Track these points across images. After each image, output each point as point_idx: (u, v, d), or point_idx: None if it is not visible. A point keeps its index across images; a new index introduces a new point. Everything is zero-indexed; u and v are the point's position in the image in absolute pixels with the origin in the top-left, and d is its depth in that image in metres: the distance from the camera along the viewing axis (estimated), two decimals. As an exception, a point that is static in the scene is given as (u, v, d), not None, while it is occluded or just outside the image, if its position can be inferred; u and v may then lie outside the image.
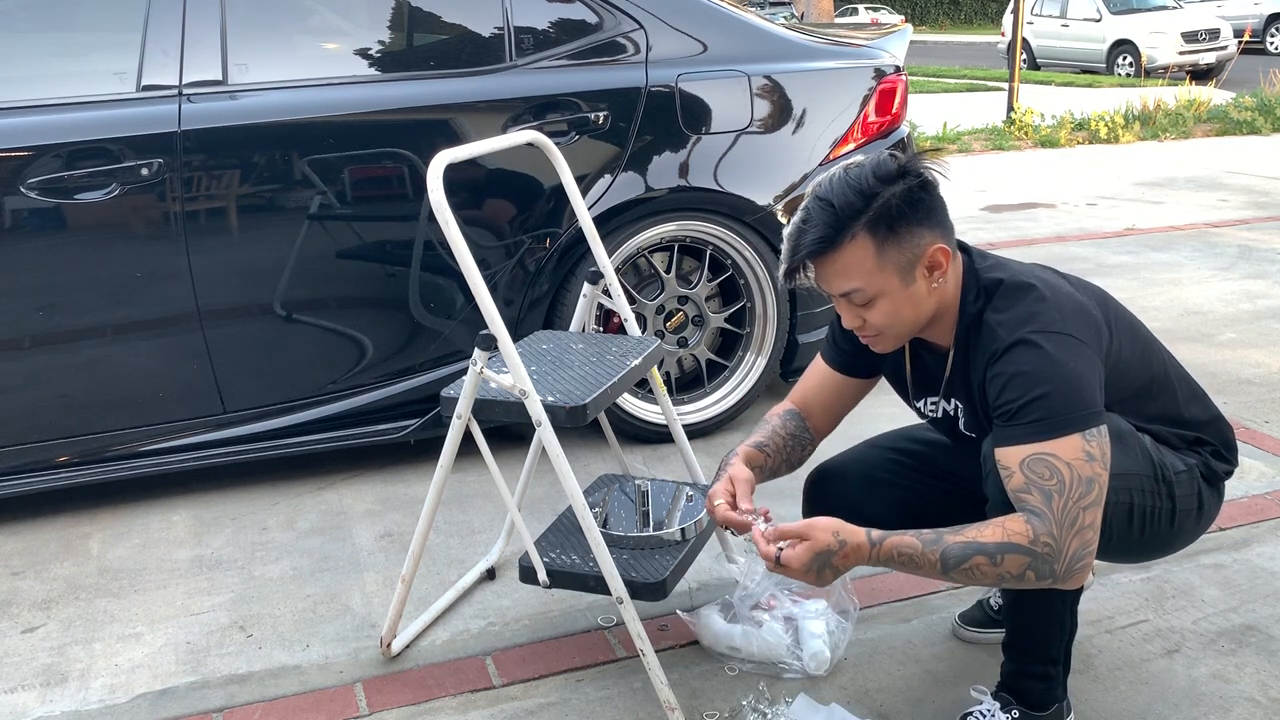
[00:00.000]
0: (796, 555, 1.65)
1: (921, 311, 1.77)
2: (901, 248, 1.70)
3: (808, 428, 2.04)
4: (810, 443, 2.06)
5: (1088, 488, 1.61)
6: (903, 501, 2.05)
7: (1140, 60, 16.63)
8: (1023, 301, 1.72)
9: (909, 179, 1.70)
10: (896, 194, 1.68)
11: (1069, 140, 9.53)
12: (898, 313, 1.75)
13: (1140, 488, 1.79)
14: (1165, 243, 5.80)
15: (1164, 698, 2.06)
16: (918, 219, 1.70)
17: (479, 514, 2.90)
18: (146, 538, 2.83)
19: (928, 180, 1.72)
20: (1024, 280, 1.75)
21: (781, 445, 2.01)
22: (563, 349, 2.31)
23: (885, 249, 1.70)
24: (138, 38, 2.81)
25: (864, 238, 1.69)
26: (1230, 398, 3.52)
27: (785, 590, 2.31)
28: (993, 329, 1.72)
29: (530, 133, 2.29)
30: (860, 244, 1.70)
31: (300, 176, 2.87)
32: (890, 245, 1.70)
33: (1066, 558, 1.60)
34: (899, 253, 1.70)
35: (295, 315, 2.94)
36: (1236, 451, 1.96)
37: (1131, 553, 1.95)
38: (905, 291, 1.73)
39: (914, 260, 1.71)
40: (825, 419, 2.07)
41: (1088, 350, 1.69)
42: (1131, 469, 1.77)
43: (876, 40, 3.62)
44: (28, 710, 2.15)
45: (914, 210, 1.70)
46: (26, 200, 2.68)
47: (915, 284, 1.73)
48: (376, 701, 2.13)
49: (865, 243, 1.69)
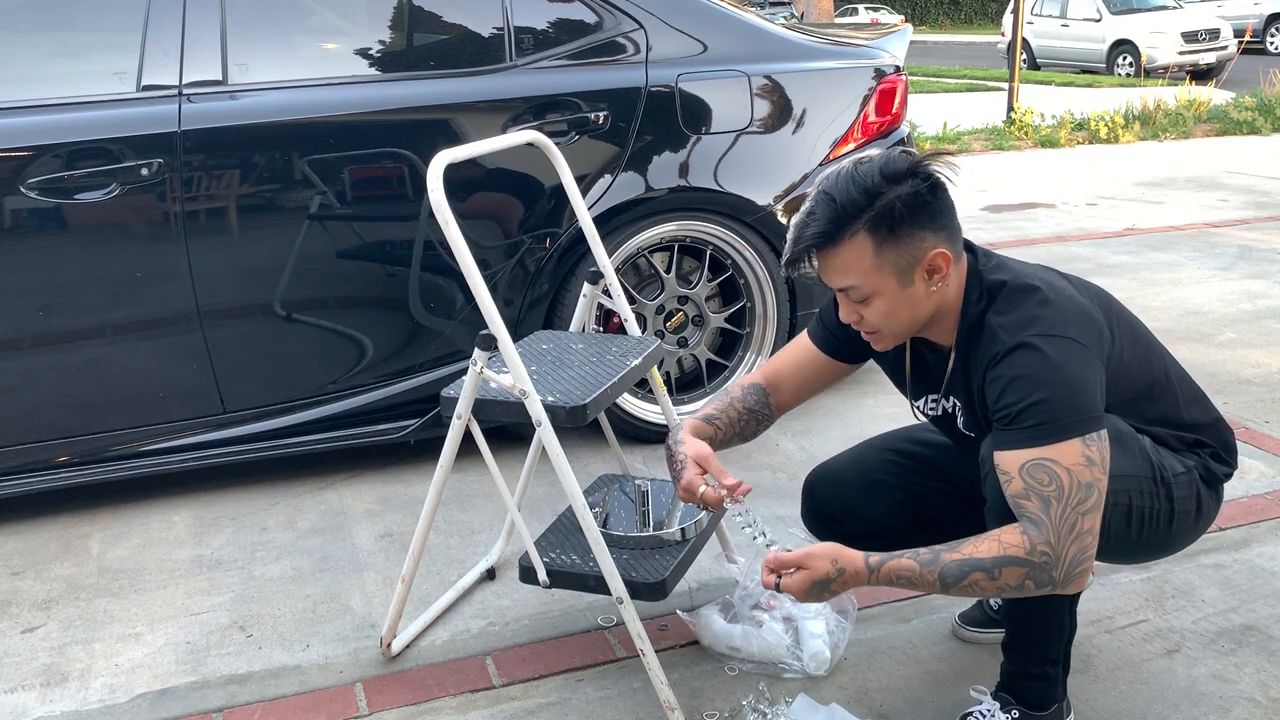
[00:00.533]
0: (796, 583, 1.67)
1: (919, 313, 1.76)
2: (901, 250, 1.70)
3: (769, 404, 2.04)
4: (768, 419, 2.05)
5: (1086, 493, 1.61)
6: (901, 503, 2.05)
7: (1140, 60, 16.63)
8: (1025, 304, 1.71)
9: (916, 180, 1.69)
10: (902, 195, 1.67)
11: (1069, 140, 9.53)
12: (894, 313, 1.75)
13: (1139, 489, 1.79)
14: (1165, 243, 5.80)
15: (1164, 698, 2.06)
16: (921, 222, 1.69)
17: (479, 514, 2.90)
18: (146, 538, 2.83)
19: (937, 182, 1.70)
20: (1027, 282, 1.74)
21: (735, 420, 2.01)
22: (563, 349, 2.31)
23: (884, 249, 1.69)
24: (138, 38, 2.81)
25: (863, 236, 1.69)
26: (1230, 398, 3.52)
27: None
28: (994, 331, 1.71)
29: (530, 133, 2.29)
30: (859, 242, 1.69)
31: (300, 176, 2.87)
32: (889, 246, 1.69)
33: (1065, 564, 1.60)
34: (898, 254, 1.70)
35: (295, 315, 2.94)
36: (1236, 454, 1.96)
37: (1130, 554, 1.95)
38: (902, 293, 1.73)
39: (913, 263, 1.71)
40: (793, 395, 2.06)
41: (1089, 354, 1.68)
42: (1130, 470, 1.77)
43: (876, 40, 3.62)
44: (28, 710, 2.15)
45: (918, 213, 1.69)
46: (26, 200, 2.68)
47: (913, 286, 1.73)
48: (376, 701, 2.13)
49: (864, 241, 1.69)
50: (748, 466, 3.14)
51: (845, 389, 3.69)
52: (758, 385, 2.04)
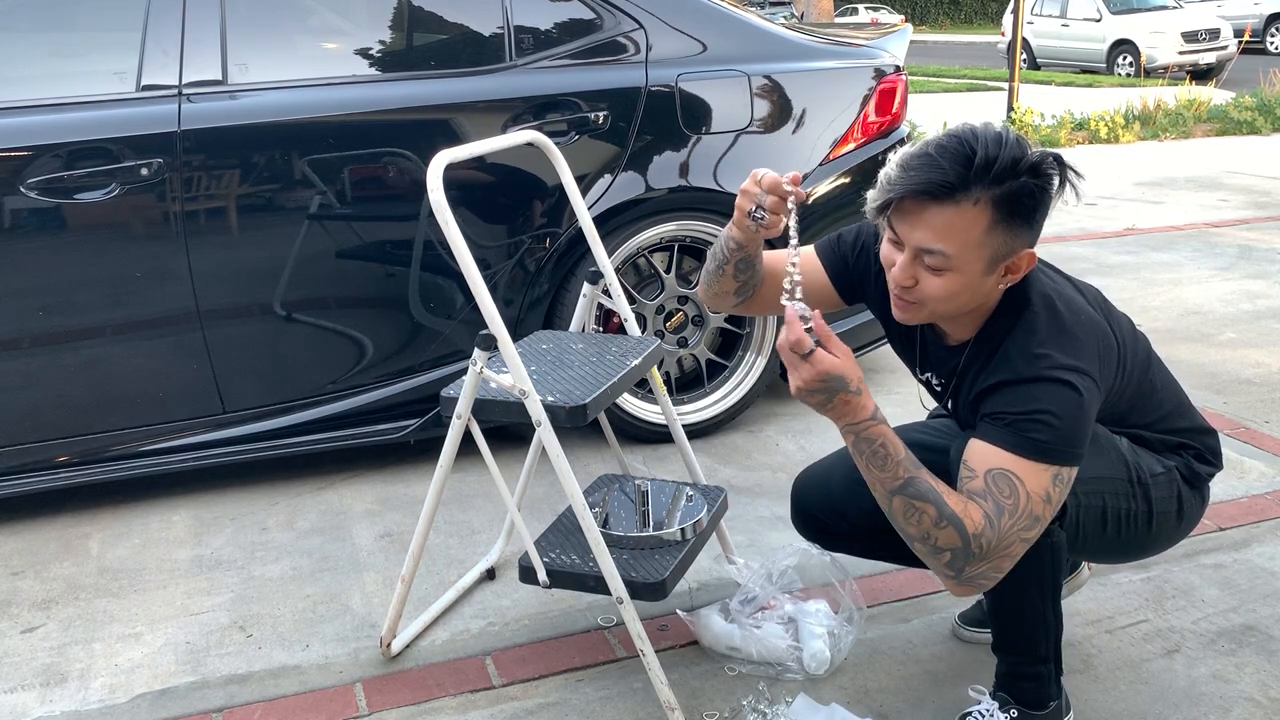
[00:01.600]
0: (824, 360, 1.53)
1: (974, 303, 1.69)
2: (1007, 237, 1.61)
3: (753, 286, 1.95)
4: (745, 299, 1.96)
5: (1031, 523, 1.61)
6: None
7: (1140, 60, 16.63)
8: (1045, 330, 1.68)
9: (1049, 177, 1.60)
10: (1034, 185, 1.59)
11: (1069, 140, 9.53)
12: (956, 295, 1.65)
13: (1113, 490, 1.79)
14: (1165, 243, 5.80)
15: (1164, 698, 2.06)
16: (1034, 219, 1.62)
17: (479, 514, 2.90)
18: (146, 538, 2.83)
19: (1053, 189, 1.62)
20: (1051, 304, 1.71)
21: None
22: (563, 349, 2.31)
23: (996, 229, 1.59)
24: (137, 37, 2.81)
25: (985, 207, 1.57)
26: (1230, 398, 3.52)
27: (785, 591, 2.31)
28: (1009, 354, 1.68)
29: (530, 133, 2.29)
30: (979, 211, 1.58)
31: (300, 176, 2.87)
32: (1001, 229, 1.60)
33: (980, 568, 1.61)
34: (1003, 240, 1.61)
35: (295, 315, 2.94)
36: (1220, 455, 1.97)
37: (1110, 554, 1.96)
38: (979, 279, 1.64)
39: (1006, 254, 1.63)
40: (770, 300, 1.96)
41: (1095, 393, 1.67)
42: (1103, 473, 1.77)
43: (876, 40, 3.62)
44: (28, 710, 2.15)
45: (1036, 209, 1.61)
46: (26, 200, 2.68)
47: (990, 276, 1.65)
48: (376, 701, 2.13)
49: (984, 213, 1.58)
50: (748, 466, 3.14)
51: (845, 389, 3.68)
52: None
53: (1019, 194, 1.58)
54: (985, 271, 1.63)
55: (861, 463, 1.62)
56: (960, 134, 1.60)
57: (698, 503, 2.31)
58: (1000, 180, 1.57)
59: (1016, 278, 1.67)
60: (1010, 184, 1.57)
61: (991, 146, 1.57)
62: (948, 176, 1.56)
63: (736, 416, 3.41)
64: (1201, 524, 2.65)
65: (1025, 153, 1.59)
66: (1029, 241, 1.64)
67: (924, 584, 2.44)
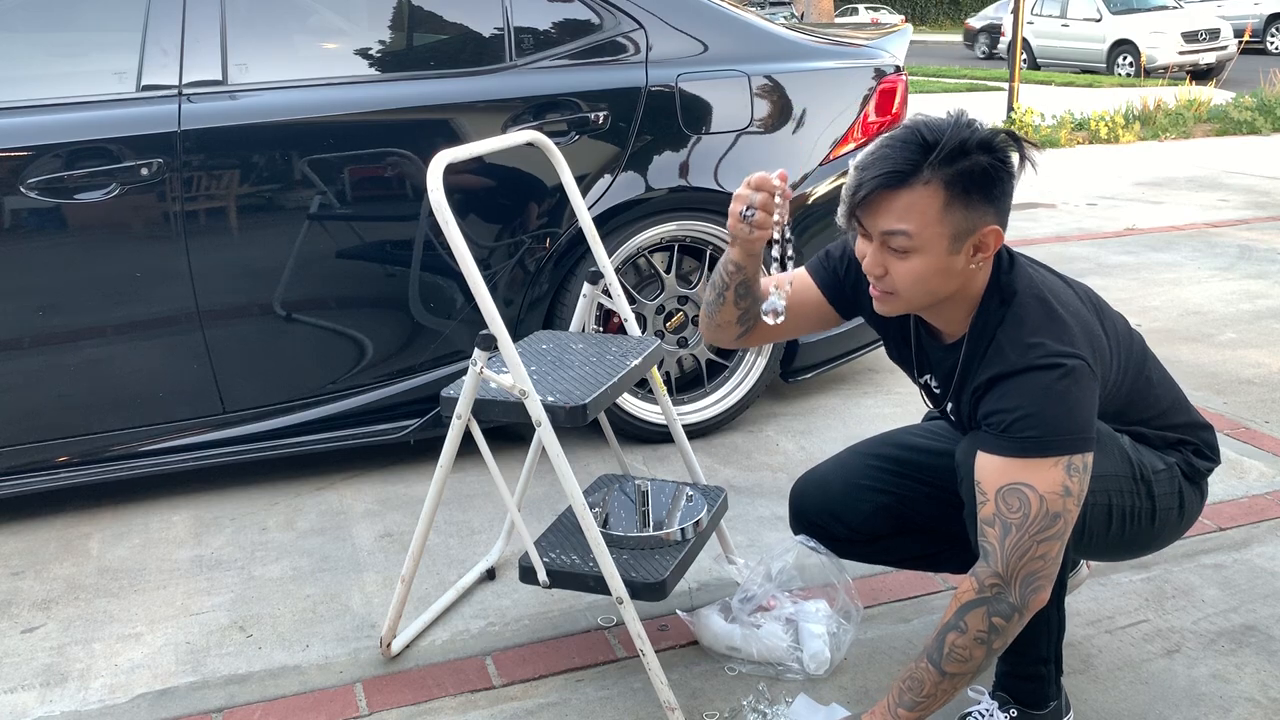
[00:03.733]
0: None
1: (946, 286, 1.70)
2: (966, 214, 1.64)
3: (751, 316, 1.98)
4: (745, 329, 1.99)
5: (1051, 522, 1.62)
6: (884, 507, 2.06)
7: (1140, 60, 16.63)
8: (1034, 319, 1.69)
9: (1003, 153, 1.64)
10: (987, 162, 1.62)
11: (1069, 140, 9.53)
12: (927, 278, 1.68)
13: (1119, 489, 1.80)
14: (1165, 243, 5.80)
15: (1164, 698, 2.06)
16: (992, 195, 1.64)
17: (479, 514, 2.90)
18: (146, 538, 2.83)
19: (1012, 165, 1.66)
20: (1039, 294, 1.72)
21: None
22: (563, 349, 2.31)
23: (952, 207, 1.63)
24: (138, 38, 2.81)
25: (938, 187, 1.62)
26: (1230, 398, 3.52)
27: (786, 591, 2.31)
28: (1001, 346, 1.69)
29: (530, 133, 2.29)
30: (932, 191, 1.62)
31: (300, 176, 2.87)
32: (958, 206, 1.63)
33: (1017, 586, 1.63)
34: (962, 217, 1.64)
35: (295, 315, 2.94)
36: (1218, 450, 1.98)
37: (1115, 551, 1.96)
38: (945, 258, 1.66)
39: (969, 232, 1.65)
40: (770, 328, 1.98)
41: (1092, 375, 1.67)
42: (1109, 471, 1.78)
43: (876, 40, 3.62)
44: (28, 710, 2.15)
45: (993, 185, 1.64)
46: (26, 200, 2.68)
47: (957, 255, 1.67)
48: (376, 701, 2.13)
49: (937, 192, 1.62)
50: (748, 467, 3.14)
51: (845, 389, 3.69)
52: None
53: (971, 171, 1.62)
54: (950, 250, 1.66)
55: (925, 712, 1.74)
56: (910, 124, 1.66)
57: (698, 503, 2.31)
58: (951, 160, 1.62)
59: (987, 256, 1.69)
60: (961, 162, 1.62)
61: (938, 130, 1.63)
62: (898, 165, 1.62)
63: (736, 416, 3.41)
64: (1201, 524, 2.67)
65: (974, 132, 1.63)
66: (994, 219, 1.66)
67: (924, 584, 2.44)
